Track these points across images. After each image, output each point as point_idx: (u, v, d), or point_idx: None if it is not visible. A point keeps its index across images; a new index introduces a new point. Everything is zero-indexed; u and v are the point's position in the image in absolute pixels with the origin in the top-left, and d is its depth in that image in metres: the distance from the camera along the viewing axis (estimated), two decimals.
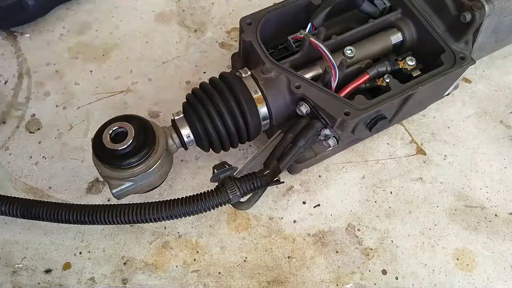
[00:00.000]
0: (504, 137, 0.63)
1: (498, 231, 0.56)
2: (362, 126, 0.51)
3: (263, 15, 0.52)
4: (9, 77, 0.65)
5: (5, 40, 0.68)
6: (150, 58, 0.67)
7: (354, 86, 0.51)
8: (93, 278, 0.52)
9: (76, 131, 0.61)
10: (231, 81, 0.48)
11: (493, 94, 0.66)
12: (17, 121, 0.62)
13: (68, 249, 0.54)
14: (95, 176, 0.58)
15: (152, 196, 0.56)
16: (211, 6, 0.72)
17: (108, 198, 0.57)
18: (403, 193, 0.58)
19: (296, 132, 0.48)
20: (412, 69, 0.52)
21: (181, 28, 0.70)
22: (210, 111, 0.47)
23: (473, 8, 0.49)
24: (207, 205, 0.47)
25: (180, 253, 0.54)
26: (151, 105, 0.63)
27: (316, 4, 0.54)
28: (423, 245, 0.55)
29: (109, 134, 0.44)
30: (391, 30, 0.55)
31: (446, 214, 0.57)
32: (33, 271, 0.52)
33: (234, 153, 0.60)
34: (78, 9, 0.71)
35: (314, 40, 0.50)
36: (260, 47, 0.50)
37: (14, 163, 0.59)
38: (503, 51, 0.67)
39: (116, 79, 0.65)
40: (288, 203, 0.57)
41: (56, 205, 0.49)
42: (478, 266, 0.54)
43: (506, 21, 0.53)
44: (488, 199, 0.58)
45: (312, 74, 0.53)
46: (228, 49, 0.68)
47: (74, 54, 0.67)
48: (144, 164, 0.45)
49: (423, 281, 0.53)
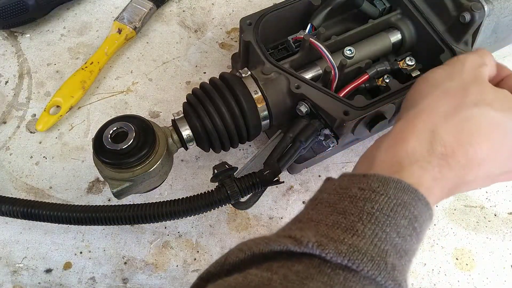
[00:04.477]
0: None
1: (497, 230, 0.56)
2: (362, 126, 0.51)
3: (263, 16, 0.53)
4: (10, 77, 0.65)
5: (6, 40, 0.68)
6: (150, 58, 0.67)
7: (353, 86, 0.52)
8: (93, 277, 0.53)
9: (77, 131, 0.61)
10: (231, 81, 0.48)
11: None
12: (17, 121, 0.62)
13: (68, 248, 0.54)
14: (96, 176, 0.58)
15: (153, 196, 0.56)
16: (211, 6, 0.72)
17: (109, 198, 0.57)
18: None
19: (296, 132, 0.49)
20: (411, 69, 0.52)
21: (181, 28, 0.70)
22: (210, 111, 0.47)
23: (472, 9, 0.49)
24: (207, 205, 0.47)
25: (181, 252, 0.54)
26: (152, 105, 0.63)
27: (316, 4, 0.54)
28: (423, 244, 0.55)
29: (109, 134, 0.44)
30: (390, 31, 0.56)
31: (445, 213, 0.57)
32: (34, 271, 0.53)
33: (234, 153, 0.60)
34: (78, 9, 0.71)
35: (314, 40, 0.50)
36: (260, 47, 0.51)
37: (15, 163, 0.59)
38: (502, 51, 0.67)
39: (117, 79, 0.65)
40: (288, 203, 0.57)
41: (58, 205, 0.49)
42: (478, 265, 0.54)
43: (506, 21, 0.54)
44: (487, 199, 0.58)
45: (312, 74, 0.53)
46: (228, 50, 0.68)
47: (75, 54, 0.67)
48: (144, 164, 0.45)
49: (423, 280, 0.53)
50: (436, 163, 0.34)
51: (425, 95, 0.39)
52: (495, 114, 0.36)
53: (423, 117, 0.36)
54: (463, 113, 0.36)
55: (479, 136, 0.35)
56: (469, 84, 0.38)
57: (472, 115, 0.36)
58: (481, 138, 0.35)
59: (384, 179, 0.32)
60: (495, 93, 0.38)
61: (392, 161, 0.34)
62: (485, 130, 0.36)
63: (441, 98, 0.38)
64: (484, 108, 0.36)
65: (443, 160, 0.34)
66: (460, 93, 0.38)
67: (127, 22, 0.67)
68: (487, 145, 0.35)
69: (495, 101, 0.37)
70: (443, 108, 0.37)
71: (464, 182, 0.36)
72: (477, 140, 0.35)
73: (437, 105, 0.37)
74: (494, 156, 0.36)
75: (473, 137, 0.35)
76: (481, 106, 0.36)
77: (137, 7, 0.68)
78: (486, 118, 0.36)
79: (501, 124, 0.36)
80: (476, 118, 0.36)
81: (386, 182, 0.32)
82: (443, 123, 0.36)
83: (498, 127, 0.36)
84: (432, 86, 0.39)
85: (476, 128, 0.35)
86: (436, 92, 0.39)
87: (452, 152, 0.34)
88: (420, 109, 0.38)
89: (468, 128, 0.35)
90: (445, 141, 0.34)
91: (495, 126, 0.36)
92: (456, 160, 0.34)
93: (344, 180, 0.34)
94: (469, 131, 0.35)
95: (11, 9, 0.63)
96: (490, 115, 0.36)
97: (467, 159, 0.35)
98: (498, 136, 0.36)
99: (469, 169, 0.35)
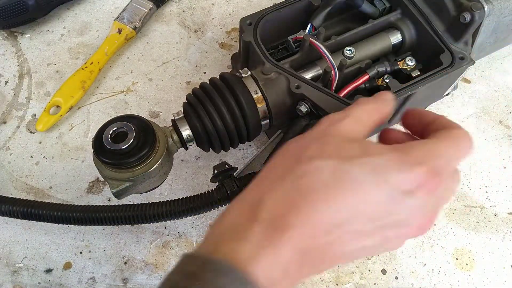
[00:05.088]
0: (504, 137, 0.63)
1: (497, 230, 0.56)
2: None
3: (263, 16, 0.53)
4: (10, 77, 0.65)
5: (6, 40, 0.68)
6: (150, 58, 0.67)
7: (353, 86, 0.52)
8: (93, 277, 0.53)
9: (77, 131, 0.61)
10: (231, 81, 0.48)
11: (492, 95, 0.66)
12: (17, 121, 0.62)
13: (68, 248, 0.54)
14: (96, 176, 0.58)
15: (153, 196, 0.56)
16: (211, 6, 0.72)
17: (109, 198, 0.57)
18: None
19: (296, 132, 0.49)
20: (411, 69, 0.52)
21: (181, 28, 0.70)
22: (210, 111, 0.47)
23: (472, 9, 0.49)
24: (207, 205, 0.47)
25: (181, 252, 0.54)
26: (152, 105, 0.63)
27: (316, 4, 0.54)
28: (423, 244, 0.55)
29: (109, 134, 0.44)
30: (390, 31, 0.56)
31: (445, 214, 0.57)
32: (34, 271, 0.53)
33: (234, 153, 0.60)
34: (78, 9, 0.71)
35: (314, 40, 0.50)
36: (260, 47, 0.51)
37: (15, 163, 0.59)
38: (502, 51, 0.67)
39: (117, 79, 0.65)
40: None
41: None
42: (478, 265, 0.54)
43: (506, 21, 0.54)
44: (487, 199, 0.58)
45: (312, 74, 0.53)
46: (228, 50, 0.68)
47: (75, 54, 0.67)
48: (144, 164, 0.45)
49: (423, 280, 0.53)
50: (260, 231, 0.30)
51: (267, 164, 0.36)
52: (337, 164, 0.31)
53: (253, 187, 0.33)
54: (297, 170, 0.32)
55: (315, 192, 0.31)
56: (312, 140, 0.34)
57: (308, 170, 0.32)
58: (318, 193, 0.30)
59: (201, 262, 0.29)
60: (344, 143, 0.33)
61: (214, 239, 0.31)
62: (326, 182, 0.31)
63: (278, 162, 0.35)
64: (322, 161, 0.32)
65: (271, 226, 0.30)
66: (299, 151, 0.34)
67: (127, 22, 0.67)
68: (328, 198, 0.30)
69: (342, 151, 0.32)
70: (277, 170, 0.33)
71: (317, 247, 0.30)
72: (313, 196, 0.30)
73: (272, 170, 0.34)
74: (346, 209, 0.31)
75: (309, 194, 0.31)
76: (318, 159, 0.32)
77: (137, 7, 0.68)
78: (325, 169, 0.31)
79: (347, 173, 0.31)
80: (312, 172, 0.31)
81: (202, 265, 0.29)
82: (274, 186, 0.32)
83: (342, 177, 0.31)
84: (277, 154, 0.36)
85: (312, 183, 0.31)
86: (276, 157, 0.35)
87: (281, 215, 0.30)
88: (255, 180, 0.34)
89: (302, 186, 0.31)
90: (272, 205, 0.31)
91: (338, 176, 0.31)
92: (286, 223, 0.30)
93: (179, 264, 0.31)
94: (304, 188, 0.31)
95: (11, 9, 0.63)
96: (330, 166, 0.31)
97: (303, 219, 0.30)
98: (345, 186, 0.31)
99: (311, 229, 0.30)
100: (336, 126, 0.35)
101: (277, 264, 0.29)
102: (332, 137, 0.34)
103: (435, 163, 0.32)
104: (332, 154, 0.32)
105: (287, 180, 0.32)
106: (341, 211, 0.31)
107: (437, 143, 0.34)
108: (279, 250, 0.29)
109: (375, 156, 0.32)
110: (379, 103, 0.38)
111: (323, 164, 0.32)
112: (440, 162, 0.32)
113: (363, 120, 0.36)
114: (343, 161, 0.32)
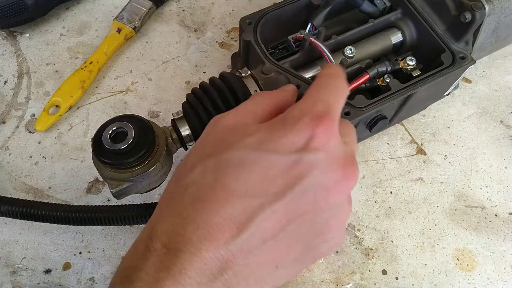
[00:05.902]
0: (504, 137, 0.63)
1: (498, 231, 0.56)
2: (362, 126, 0.51)
3: (263, 15, 0.52)
4: (9, 77, 0.65)
5: (5, 40, 0.68)
6: (150, 58, 0.67)
7: (354, 86, 0.51)
8: (93, 278, 0.52)
9: (76, 131, 0.61)
10: (231, 81, 0.48)
11: (493, 94, 0.66)
12: (17, 121, 0.62)
13: (68, 249, 0.54)
14: (95, 176, 0.58)
15: (152, 196, 0.56)
16: (211, 6, 0.72)
17: (108, 198, 0.57)
18: (403, 193, 0.58)
19: None
20: (412, 69, 0.52)
21: (181, 28, 0.70)
22: (210, 110, 0.47)
23: (473, 8, 0.49)
24: None
25: None
26: (151, 105, 0.63)
27: (316, 4, 0.54)
28: (423, 245, 0.55)
29: (108, 134, 0.44)
30: (391, 30, 0.55)
31: (446, 214, 0.57)
32: (33, 271, 0.52)
33: None
34: (77, 9, 0.71)
35: (314, 40, 0.50)
36: (260, 47, 0.50)
37: (14, 163, 0.59)
38: (503, 51, 0.67)
39: (116, 79, 0.65)
40: None
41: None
42: (478, 266, 0.54)
43: (507, 20, 0.53)
44: (488, 199, 0.58)
45: (312, 74, 0.53)
46: (228, 49, 0.68)
47: (74, 54, 0.67)
48: (144, 164, 0.45)
49: (423, 281, 0.53)
50: (154, 257, 0.28)
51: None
52: (217, 160, 0.30)
53: (151, 218, 0.32)
54: (180, 188, 0.30)
55: (202, 200, 0.29)
56: (193, 150, 0.34)
57: (189, 182, 0.30)
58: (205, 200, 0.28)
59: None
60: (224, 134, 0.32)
61: (113, 281, 0.30)
62: (211, 185, 0.29)
63: (167, 188, 0.33)
64: (202, 165, 0.30)
65: (163, 248, 0.28)
66: (182, 169, 0.32)
67: (127, 21, 0.67)
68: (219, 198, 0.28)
69: (221, 143, 0.31)
70: (165, 195, 0.32)
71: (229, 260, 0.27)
72: (203, 205, 0.28)
73: (163, 197, 0.33)
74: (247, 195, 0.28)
75: (196, 205, 0.29)
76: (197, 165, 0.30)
77: (137, 6, 0.68)
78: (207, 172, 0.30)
79: (229, 162, 0.29)
80: (194, 181, 0.30)
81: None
82: (164, 213, 0.30)
83: (226, 171, 0.29)
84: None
85: (196, 192, 0.29)
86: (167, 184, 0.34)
87: (173, 240, 0.28)
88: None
89: (187, 200, 0.29)
90: (162, 230, 0.29)
91: (222, 171, 0.29)
92: (179, 246, 0.27)
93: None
94: (189, 202, 0.29)
95: (10, 8, 0.63)
96: (210, 165, 0.30)
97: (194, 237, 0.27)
98: (233, 176, 0.29)
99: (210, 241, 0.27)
100: (219, 122, 0.34)
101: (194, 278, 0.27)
102: (212, 135, 0.33)
103: (314, 110, 0.30)
104: (211, 152, 0.31)
105: (176, 201, 0.30)
106: (242, 201, 0.28)
107: (309, 93, 0.33)
108: (179, 276, 0.27)
109: (257, 132, 0.30)
110: (275, 92, 0.38)
111: (202, 168, 0.30)
112: (318, 107, 0.31)
113: (250, 108, 0.35)
114: (222, 153, 0.30)
